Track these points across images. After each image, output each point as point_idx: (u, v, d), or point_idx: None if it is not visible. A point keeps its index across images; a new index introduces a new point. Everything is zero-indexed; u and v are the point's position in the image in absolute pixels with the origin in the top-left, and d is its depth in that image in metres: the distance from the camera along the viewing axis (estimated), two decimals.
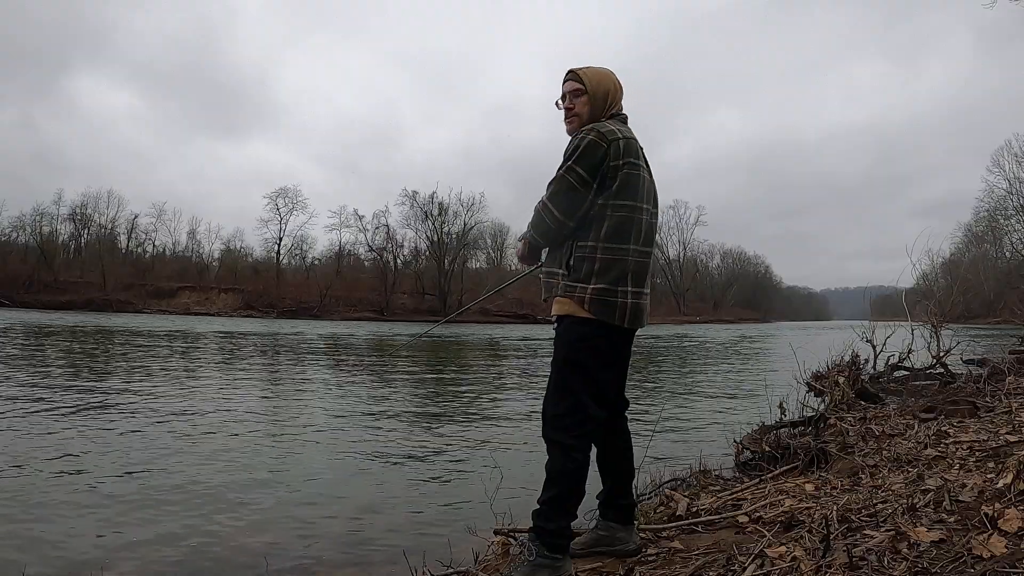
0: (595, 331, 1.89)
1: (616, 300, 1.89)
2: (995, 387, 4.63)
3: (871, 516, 1.96)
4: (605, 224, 1.88)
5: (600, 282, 1.88)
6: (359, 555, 2.70)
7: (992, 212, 58.09)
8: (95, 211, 59.45)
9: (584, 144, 1.86)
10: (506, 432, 5.43)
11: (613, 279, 1.89)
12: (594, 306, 1.88)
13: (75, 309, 44.62)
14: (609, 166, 1.86)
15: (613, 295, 1.89)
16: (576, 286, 1.89)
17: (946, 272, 18.52)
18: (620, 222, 1.89)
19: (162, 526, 2.97)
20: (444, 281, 59.45)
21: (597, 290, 1.88)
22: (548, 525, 1.87)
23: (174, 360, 11.54)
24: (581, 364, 1.90)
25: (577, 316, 1.90)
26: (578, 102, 2.00)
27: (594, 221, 1.89)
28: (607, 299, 1.88)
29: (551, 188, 1.91)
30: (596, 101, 1.99)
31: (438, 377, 10.41)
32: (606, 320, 1.88)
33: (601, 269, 1.88)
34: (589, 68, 2.05)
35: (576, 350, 1.91)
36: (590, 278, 1.88)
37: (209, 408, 6.25)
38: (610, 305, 1.88)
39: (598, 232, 1.89)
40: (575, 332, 1.90)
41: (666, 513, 2.53)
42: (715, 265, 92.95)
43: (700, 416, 6.33)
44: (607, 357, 1.95)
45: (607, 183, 1.87)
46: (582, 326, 1.89)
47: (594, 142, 1.86)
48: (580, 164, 1.85)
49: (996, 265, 53.99)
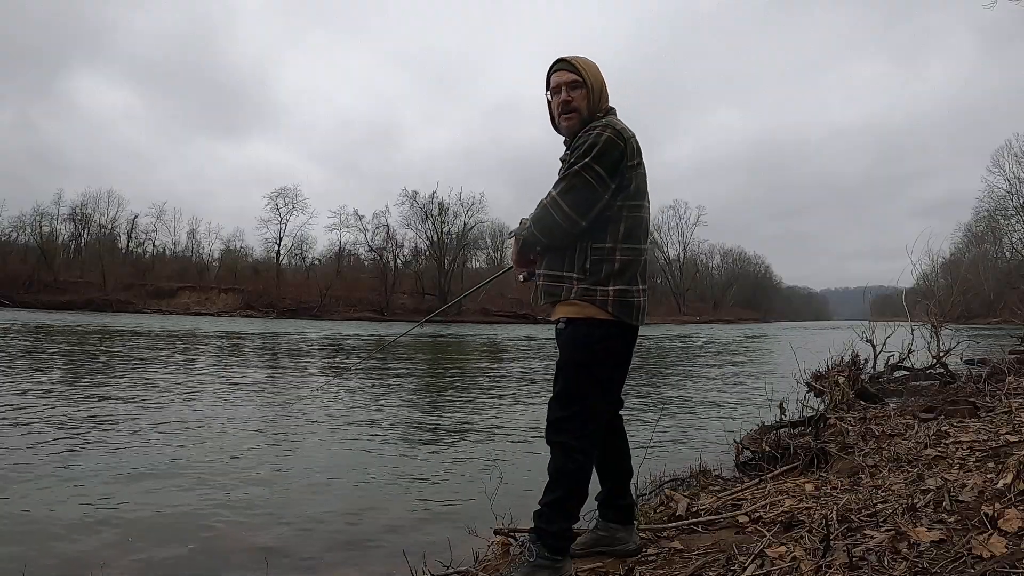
0: (614, 332, 1.87)
1: (634, 300, 1.88)
2: (995, 387, 4.64)
3: (871, 516, 1.96)
4: (621, 225, 1.85)
5: (619, 283, 1.85)
6: (359, 555, 2.70)
7: (992, 212, 58.16)
8: (95, 211, 59.64)
9: (603, 142, 1.79)
10: (506, 432, 5.43)
11: (629, 279, 1.87)
12: (616, 307, 1.85)
13: (75, 309, 44.60)
14: (627, 166, 1.83)
15: (632, 295, 1.87)
16: (596, 289, 1.85)
17: (946, 272, 18.51)
18: (635, 223, 1.87)
19: (162, 525, 2.97)
20: (444, 281, 59.47)
21: (618, 291, 1.85)
22: (549, 527, 1.87)
23: (174, 360, 11.54)
24: (596, 366, 1.88)
25: (597, 319, 1.85)
26: (576, 95, 1.90)
27: (609, 222, 1.85)
28: (627, 299, 1.86)
29: (563, 185, 1.81)
30: (594, 94, 1.91)
31: (438, 377, 10.41)
32: (625, 320, 1.87)
33: (619, 270, 1.85)
34: (579, 57, 1.94)
35: (593, 352, 1.87)
36: (610, 280, 1.85)
37: (209, 408, 6.25)
38: (629, 305, 1.87)
39: (615, 233, 1.85)
40: (594, 334, 1.85)
41: (666, 513, 2.53)
42: (715, 265, 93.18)
43: (700, 416, 6.32)
44: (621, 356, 1.95)
45: (625, 184, 1.83)
46: (602, 328, 1.85)
47: (612, 140, 1.80)
48: (599, 162, 1.78)
49: (996, 265, 53.94)
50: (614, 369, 1.94)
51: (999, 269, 52.46)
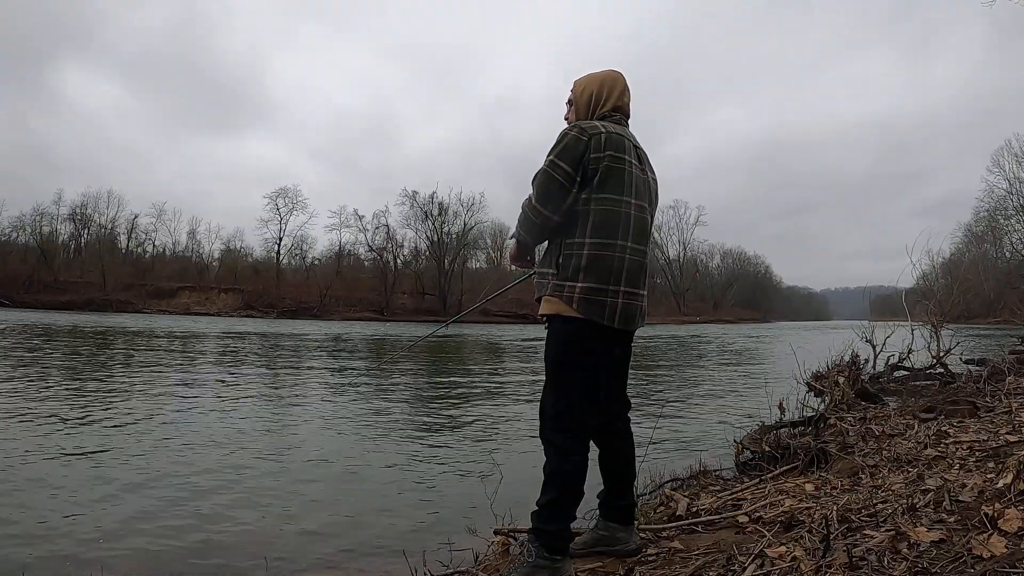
0: (584, 330, 1.86)
1: (606, 299, 1.86)
2: (995, 387, 4.63)
3: (871, 516, 1.96)
4: (590, 219, 1.87)
5: (588, 280, 1.85)
6: (359, 555, 2.70)
7: (992, 212, 58.20)
8: (95, 211, 59.61)
9: (566, 138, 1.88)
10: (506, 432, 5.43)
11: (602, 277, 1.86)
12: (582, 305, 1.85)
13: (75, 309, 44.60)
14: (590, 158, 1.85)
15: (603, 294, 1.86)
16: (564, 284, 1.87)
17: (946, 272, 18.49)
18: (604, 216, 1.87)
19: (162, 526, 2.97)
20: (444, 281, 59.45)
21: (585, 288, 1.85)
22: (547, 527, 1.87)
23: (174, 361, 11.54)
24: (571, 364, 1.88)
25: (565, 315, 1.87)
26: (570, 112, 2.09)
27: (579, 217, 1.88)
28: (596, 298, 1.85)
29: (535, 184, 1.90)
30: (579, 108, 2.05)
31: (438, 377, 10.40)
32: (595, 319, 1.85)
33: (588, 265, 1.86)
34: (584, 75, 2.07)
35: (565, 350, 1.89)
36: (578, 275, 1.86)
37: (209, 408, 6.24)
38: (599, 304, 1.85)
39: (584, 228, 1.87)
40: (563, 331, 1.88)
41: (666, 513, 2.53)
42: (715, 265, 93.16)
43: (700, 416, 6.32)
44: (598, 358, 1.92)
45: (589, 176, 1.86)
46: (570, 325, 1.87)
47: (575, 136, 1.87)
48: (562, 158, 1.85)
49: (996, 265, 53.96)
50: (593, 370, 1.91)
51: (999, 269, 52.49)
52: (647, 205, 2.00)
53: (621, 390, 2.11)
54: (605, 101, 2.01)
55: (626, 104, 2.06)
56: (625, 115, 2.05)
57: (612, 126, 1.93)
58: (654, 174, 2.09)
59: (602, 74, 2.05)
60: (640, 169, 1.97)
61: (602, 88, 2.02)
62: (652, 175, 2.07)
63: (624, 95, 2.05)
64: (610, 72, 2.06)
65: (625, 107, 2.05)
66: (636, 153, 1.97)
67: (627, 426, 2.15)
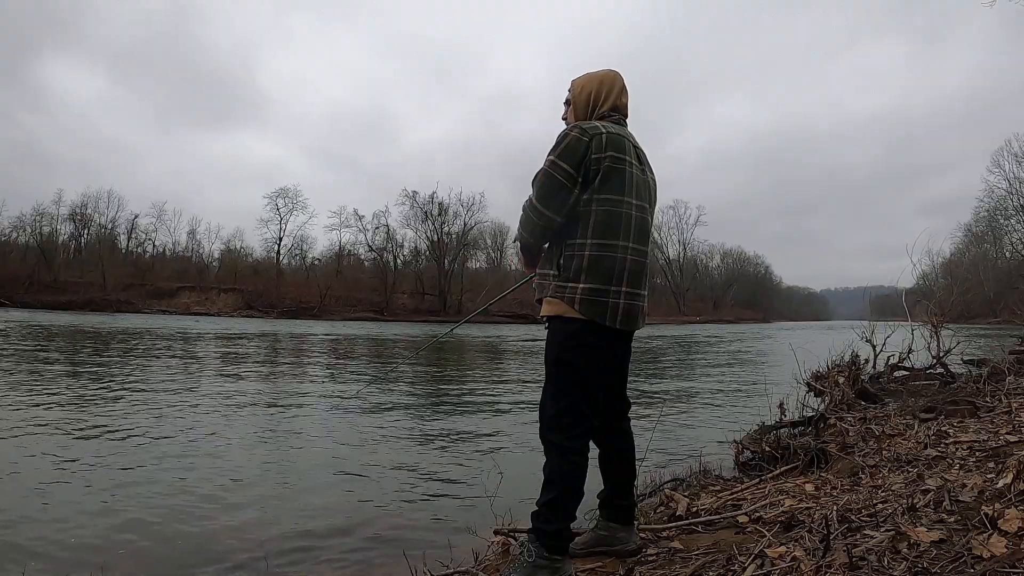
0: (585, 331, 1.86)
1: (608, 300, 1.86)
2: (995, 387, 4.63)
3: (871, 516, 1.96)
4: (592, 220, 1.86)
5: (590, 280, 1.85)
6: (359, 555, 2.70)
7: (992, 212, 58.25)
8: (95, 211, 59.64)
9: (566, 139, 1.86)
10: (507, 432, 5.43)
11: (604, 277, 1.86)
12: (583, 306, 1.85)
13: (75, 309, 44.56)
14: (591, 159, 1.85)
15: (604, 295, 1.86)
16: (566, 286, 1.87)
17: (946, 272, 18.52)
18: (606, 216, 1.86)
19: (161, 526, 2.97)
20: (444, 281, 59.47)
21: (587, 289, 1.85)
22: (547, 527, 1.86)
23: (174, 361, 11.54)
24: (572, 365, 1.87)
25: (566, 316, 1.87)
26: (568, 112, 2.08)
27: (581, 217, 1.87)
28: (597, 299, 1.85)
29: (535, 184, 1.89)
30: (578, 108, 2.03)
31: (438, 377, 10.41)
32: (596, 320, 1.85)
33: (590, 266, 1.85)
34: (582, 75, 2.06)
35: (566, 350, 1.88)
36: (579, 276, 1.86)
37: (209, 408, 6.25)
38: (601, 305, 1.85)
39: (586, 229, 1.87)
40: (564, 332, 1.88)
41: (666, 513, 2.53)
42: (715, 265, 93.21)
43: (700, 416, 6.32)
44: (599, 358, 1.91)
45: (590, 177, 1.86)
46: (571, 325, 1.87)
47: (576, 136, 1.86)
48: (563, 158, 1.84)
49: (996, 265, 53.99)
50: (594, 371, 1.90)
51: (999, 269, 52.51)
52: (647, 205, 2.00)
53: (621, 390, 2.11)
54: (604, 101, 2.01)
55: (624, 104, 2.05)
56: (623, 115, 2.05)
57: (612, 126, 1.93)
58: (653, 174, 2.09)
59: (600, 74, 2.05)
60: (640, 169, 1.97)
61: (601, 88, 2.01)
62: (652, 175, 2.07)
63: (623, 95, 2.05)
64: (608, 72, 2.06)
65: (623, 107, 2.05)
66: (636, 153, 1.97)
67: (627, 426, 2.15)
